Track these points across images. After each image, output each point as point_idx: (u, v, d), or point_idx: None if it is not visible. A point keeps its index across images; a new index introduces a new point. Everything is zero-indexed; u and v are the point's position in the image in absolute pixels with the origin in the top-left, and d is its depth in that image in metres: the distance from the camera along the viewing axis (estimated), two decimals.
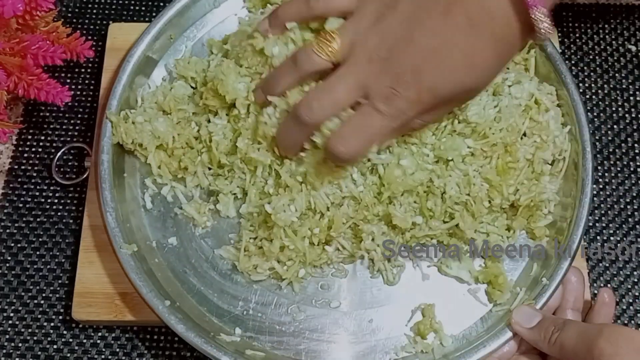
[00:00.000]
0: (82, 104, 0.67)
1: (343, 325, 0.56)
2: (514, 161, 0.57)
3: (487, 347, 0.53)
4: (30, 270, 0.61)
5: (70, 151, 0.64)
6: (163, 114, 0.60)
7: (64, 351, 0.58)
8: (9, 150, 0.65)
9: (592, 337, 0.47)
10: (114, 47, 0.65)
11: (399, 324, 0.56)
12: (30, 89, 0.58)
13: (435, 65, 0.48)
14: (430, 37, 0.47)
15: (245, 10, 0.65)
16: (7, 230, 0.62)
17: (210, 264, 0.58)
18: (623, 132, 0.67)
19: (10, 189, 0.63)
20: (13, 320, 0.59)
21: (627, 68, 0.69)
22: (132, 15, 0.70)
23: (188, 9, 0.64)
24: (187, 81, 0.62)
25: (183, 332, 0.53)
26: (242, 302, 0.57)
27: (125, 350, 0.59)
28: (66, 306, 0.59)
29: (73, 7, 0.70)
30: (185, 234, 0.59)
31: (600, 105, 0.67)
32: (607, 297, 0.55)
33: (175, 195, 0.60)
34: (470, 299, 0.57)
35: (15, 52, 0.57)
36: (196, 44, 0.65)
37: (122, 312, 0.57)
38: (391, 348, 0.56)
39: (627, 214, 0.64)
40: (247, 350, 0.54)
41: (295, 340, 0.56)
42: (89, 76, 0.68)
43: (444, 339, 0.55)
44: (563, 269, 0.55)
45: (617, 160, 0.66)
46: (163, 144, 0.59)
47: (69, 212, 0.63)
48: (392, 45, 0.48)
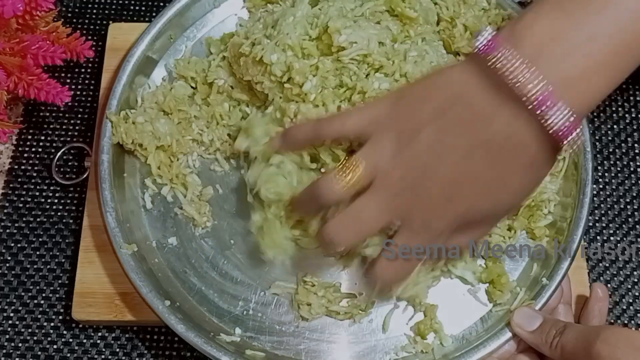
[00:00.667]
0: (82, 104, 0.67)
1: (343, 325, 0.56)
2: None
3: (487, 347, 0.53)
4: (30, 270, 0.61)
5: (70, 151, 0.64)
6: (164, 115, 0.60)
7: (64, 351, 0.58)
8: (9, 150, 0.65)
9: (591, 339, 0.47)
10: (114, 47, 0.65)
11: (399, 324, 0.56)
12: (30, 89, 0.58)
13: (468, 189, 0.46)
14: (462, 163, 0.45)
15: (245, 10, 0.65)
16: (7, 230, 0.62)
17: (210, 264, 0.58)
18: (623, 132, 0.67)
19: (10, 189, 0.63)
20: (13, 320, 0.59)
21: None
22: (132, 15, 0.70)
23: (188, 8, 0.64)
24: (187, 81, 0.62)
25: (183, 332, 0.53)
26: (242, 302, 0.57)
27: (125, 350, 0.59)
28: (66, 306, 0.59)
29: (73, 7, 0.70)
30: (185, 234, 0.59)
31: (600, 105, 0.67)
32: (600, 292, 0.56)
33: (175, 195, 0.60)
34: (470, 299, 0.57)
35: (15, 52, 0.57)
36: (196, 44, 0.64)
37: (122, 312, 0.57)
38: (391, 348, 0.56)
39: (627, 214, 0.64)
40: (247, 350, 0.54)
41: (295, 340, 0.56)
42: (89, 76, 0.68)
43: (444, 339, 0.55)
44: (563, 269, 0.55)
45: (617, 160, 0.66)
46: (164, 145, 0.59)
47: (69, 212, 0.63)
48: (418, 177, 0.46)
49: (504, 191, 0.47)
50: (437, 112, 0.46)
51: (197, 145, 0.61)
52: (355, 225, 0.48)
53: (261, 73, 0.56)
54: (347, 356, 0.55)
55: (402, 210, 0.47)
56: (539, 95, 0.42)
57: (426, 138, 0.46)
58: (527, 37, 0.43)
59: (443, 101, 0.46)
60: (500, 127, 0.44)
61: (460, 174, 0.46)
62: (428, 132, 0.46)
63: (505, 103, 0.43)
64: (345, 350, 0.55)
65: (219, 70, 0.60)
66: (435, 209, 0.47)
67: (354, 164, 0.47)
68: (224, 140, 0.61)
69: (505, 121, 0.44)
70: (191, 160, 0.61)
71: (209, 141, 0.60)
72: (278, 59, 0.54)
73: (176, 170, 0.59)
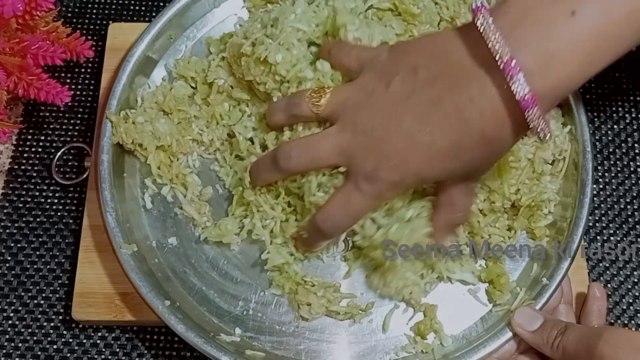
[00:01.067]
0: (82, 104, 0.67)
1: (343, 325, 0.56)
2: (516, 160, 0.57)
3: (487, 347, 0.53)
4: (30, 270, 0.61)
5: (70, 151, 0.64)
6: (163, 115, 0.60)
7: (64, 351, 0.58)
8: (9, 150, 0.65)
9: (593, 340, 0.47)
10: (114, 47, 0.65)
11: (399, 324, 0.56)
12: (30, 89, 0.57)
13: (422, 152, 0.47)
14: (419, 124, 0.47)
15: (245, 10, 0.65)
16: (7, 230, 0.62)
17: (210, 264, 0.58)
18: (623, 132, 0.67)
19: (10, 189, 0.63)
20: (13, 320, 0.59)
21: (627, 68, 0.69)
22: (132, 15, 0.70)
23: (188, 8, 0.64)
24: (187, 81, 0.62)
25: (183, 332, 0.53)
26: (242, 302, 0.57)
27: (125, 350, 0.59)
28: (66, 306, 0.59)
29: (73, 7, 0.70)
30: (185, 234, 0.59)
31: (600, 105, 0.67)
32: (597, 291, 0.56)
33: (175, 195, 0.60)
34: (470, 299, 0.57)
35: (15, 52, 0.57)
36: (196, 44, 0.64)
37: (122, 312, 0.57)
38: (391, 348, 0.55)
39: (627, 214, 0.64)
40: (247, 350, 0.54)
41: (295, 340, 0.55)
42: (89, 76, 0.68)
43: (444, 339, 0.55)
44: (563, 269, 0.55)
45: (617, 160, 0.66)
46: (164, 144, 0.59)
47: (69, 212, 0.63)
48: (380, 124, 0.48)
49: (458, 159, 0.47)
50: (414, 66, 0.47)
51: (197, 145, 0.61)
52: (309, 150, 0.51)
53: (265, 73, 0.56)
54: (347, 356, 0.55)
55: (352, 154, 0.49)
56: (509, 61, 0.43)
57: (395, 88, 0.48)
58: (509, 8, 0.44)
59: (423, 57, 0.48)
60: (471, 91, 0.45)
61: (420, 132, 0.46)
62: (400, 82, 0.48)
63: (480, 67, 0.44)
64: (345, 350, 0.55)
65: (219, 70, 0.60)
66: (388, 164, 0.47)
67: (325, 91, 0.51)
68: (224, 140, 0.61)
69: (479, 85, 0.45)
70: (191, 160, 0.61)
71: (208, 141, 0.60)
72: (283, 59, 0.54)
73: (176, 170, 0.59)
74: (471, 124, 0.46)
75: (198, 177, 0.60)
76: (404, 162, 0.48)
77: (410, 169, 0.48)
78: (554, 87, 0.44)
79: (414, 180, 0.49)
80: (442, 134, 0.46)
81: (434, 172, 0.48)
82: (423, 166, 0.48)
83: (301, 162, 0.51)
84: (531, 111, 0.44)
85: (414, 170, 0.48)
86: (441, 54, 0.47)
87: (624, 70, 0.68)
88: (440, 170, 0.48)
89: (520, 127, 0.45)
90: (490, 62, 0.44)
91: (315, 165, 0.51)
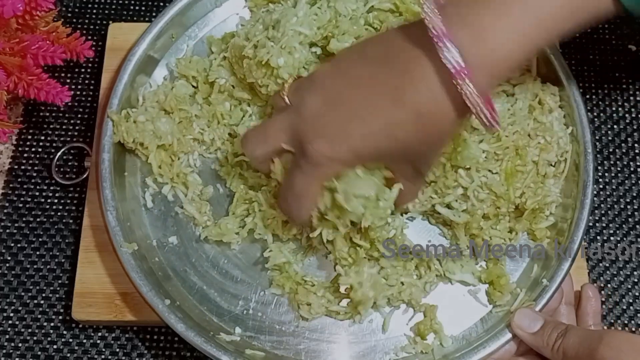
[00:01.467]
0: (82, 104, 0.67)
1: (343, 325, 0.56)
2: (523, 164, 0.56)
3: (487, 348, 0.53)
4: (30, 270, 0.61)
5: (70, 151, 0.64)
6: (165, 114, 0.60)
7: (64, 351, 0.58)
8: (9, 150, 0.65)
9: (594, 343, 0.47)
10: (114, 47, 0.65)
11: (399, 325, 0.56)
12: (30, 89, 0.57)
13: (357, 128, 0.47)
14: (357, 103, 0.47)
15: (247, 9, 0.65)
16: (7, 230, 0.62)
17: (210, 263, 0.58)
18: (623, 132, 0.67)
19: (10, 189, 0.63)
20: (13, 320, 0.59)
21: (627, 68, 0.69)
22: (132, 15, 0.70)
23: (190, 7, 0.64)
24: (189, 80, 0.62)
25: (183, 331, 0.53)
26: (242, 302, 0.57)
27: (125, 350, 0.59)
28: (66, 306, 0.59)
29: (73, 7, 0.70)
30: (185, 233, 0.59)
31: (600, 105, 0.67)
32: (590, 292, 0.56)
33: (176, 195, 0.60)
34: (471, 299, 0.57)
35: (15, 52, 0.57)
36: (197, 43, 0.65)
37: (122, 312, 0.57)
38: (391, 348, 0.55)
39: (627, 214, 0.64)
40: (247, 350, 0.54)
41: (295, 340, 0.55)
42: (89, 76, 0.68)
43: (443, 340, 0.55)
44: (563, 270, 0.55)
45: (617, 160, 0.66)
46: (165, 144, 0.59)
47: (69, 212, 0.62)
48: (323, 104, 0.48)
49: (392, 138, 0.47)
50: (364, 51, 0.49)
51: (198, 144, 0.61)
52: (261, 135, 0.52)
53: (267, 76, 0.56)
54: (347, 356, 0.55)
55: (294, 134, 0.49)
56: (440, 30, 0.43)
57: (343, 70, 0.49)
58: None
59: (374, 44, 0.50)
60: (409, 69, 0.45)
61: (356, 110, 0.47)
62: (347, 65, 0.49)
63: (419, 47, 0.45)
64: (345, 350, 0.55)
65: (220, 70, 0.60)
66: (318, 141, 0.48)
67: (290, 79, 0.54)
68: (225, 139, 0.61)
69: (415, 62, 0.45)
70: (192, 160, 0.61)
71: (209, 140, 0.60)
72: (285, 62, 0.54)
73: (177, 170, 0.59)
74: (407, 102, 0.45)
75: (199, 177, 0.60)
76: (337, 137, 0.47)
77: (344, 144, 0.48)
78: (489, 60, 0.44)
79: (350, 157, 0.48)
80: (377, 112, 0.47)
81: (368, 149, 0.48)
82: (356, 142, 0.47)
83: (253, 144, 0.52)
84: (464, 83, 0.43)
85: (348, 147, 0.47)
86: (389, 39, 0.48)
87: (624, 70, 0.69)
88: (374, 148, 0.48)
89: (459, 106, 0.45)
90: (428, 40, 0.44)
91: (268, 146, 0.51)
